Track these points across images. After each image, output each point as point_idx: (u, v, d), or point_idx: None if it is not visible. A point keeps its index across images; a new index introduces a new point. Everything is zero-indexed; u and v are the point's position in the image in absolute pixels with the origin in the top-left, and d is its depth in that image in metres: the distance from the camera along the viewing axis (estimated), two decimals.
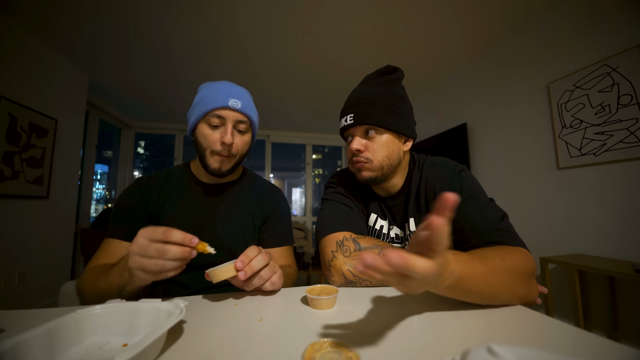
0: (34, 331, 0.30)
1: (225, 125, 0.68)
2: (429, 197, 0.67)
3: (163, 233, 0.44)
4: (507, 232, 0.56)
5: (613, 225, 1.57)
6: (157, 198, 0.73)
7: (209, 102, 0.67)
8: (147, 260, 0.43)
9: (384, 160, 0.64)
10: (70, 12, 1.94)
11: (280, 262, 0.78)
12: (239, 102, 0.69)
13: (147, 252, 0.43)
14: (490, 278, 0.44)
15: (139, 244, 0.44)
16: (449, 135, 2.85)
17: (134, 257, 0.44)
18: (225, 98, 0.67)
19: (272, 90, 3.33)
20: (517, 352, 0.21)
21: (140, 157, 5.27)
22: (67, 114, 2.58)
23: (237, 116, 0.69)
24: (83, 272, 0.63)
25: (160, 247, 0.43)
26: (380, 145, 0.64)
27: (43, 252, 2.34)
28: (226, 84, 0.71)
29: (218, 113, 0.67)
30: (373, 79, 0.69)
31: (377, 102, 0.63)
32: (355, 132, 0.65)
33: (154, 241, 0.44)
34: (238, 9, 1.95)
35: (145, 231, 0.44)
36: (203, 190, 0.77)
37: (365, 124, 0.63)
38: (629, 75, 1.52)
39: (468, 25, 2.14)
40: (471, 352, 0.22)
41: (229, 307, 0.49)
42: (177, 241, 0.44)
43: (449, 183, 0.63)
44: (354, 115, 0.64)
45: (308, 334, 0.38)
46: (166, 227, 0.45)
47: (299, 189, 6.05)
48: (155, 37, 2.24)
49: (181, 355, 0.33)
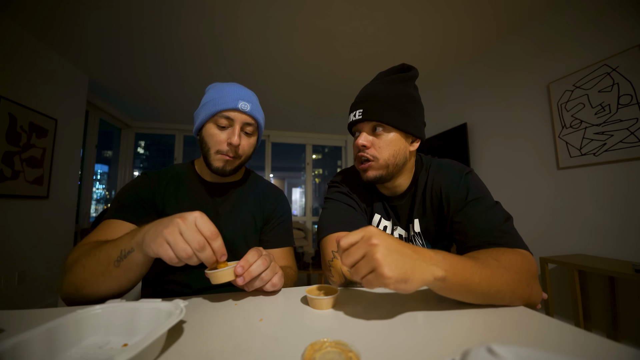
0: (34, 331, 0.30)
1: (233, 126, 0.69)
2: (434, 199, 0.67)
3: (212, 232, 0.44)
4: (509, 234, 0.55)
5: (613, 225, 1.57)
6: (163, 192, 0.73)
7: (218, 103, 0.68)
8: (182, 242, 0.42)
9: (390, 159, 0.64)
10: (70, 12, 1.94)
11: (281, 263, 0.78)
12: (248, 105, 0.70)
13: (189, 235, 0.42)
14: (485, 274, 0.44)
15: (190, 221, 0.43)
16: (449, 135, 2.85)
17: (174, 229, 0.42)
18: (235, 100, 0.68)
19: (272, 90, 3.33)
20: (517, 352, 0.21)
21: (140, 157, 5.27)
22: (67, 114, 2.58)
23: (245, 118, 0.70)
24: (73, 248, 0.58)
25: (202, 241, 0.43)
26: (386, 143, 0.64)
27: (43, 252, 2.34)
28: (236, 86, 0.72)
29: (227, 114, 0.68)
30: (386, 76, 0.68)
31: (387, 101, 0.63)
32: (362, 128, 0.66)
33: (199, 232, 0.44)
34: (239, 9, 1.95)
35: (202, 217, 0.44)
36: (206, 189, 0.78)
37: (374, 120, 0.63)
38: (629, 75, 1.52)
39: (468, 25, 2.14)
40: (471, 352, 0.22)
41: (229, 307, 0.49)
42: (214, 248, 0.45)
43: (456, 185, 0.64)
44: (363, 111, 0.64)
45: (308, 334, 0.38)
46: (216, 229, 0.45)
47: (299, 189, 6.05)
48: (156, 37, 2.24)
49: (181, 355, 0.33)
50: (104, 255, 0.49)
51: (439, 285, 0.42)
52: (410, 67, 0.68)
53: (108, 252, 0.49)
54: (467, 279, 0.42)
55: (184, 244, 0.42)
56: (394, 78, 0.66)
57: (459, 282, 0.42)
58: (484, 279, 0.43)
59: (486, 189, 0.65)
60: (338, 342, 0.31)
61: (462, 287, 0.43)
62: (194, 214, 0.45)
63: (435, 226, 0.69)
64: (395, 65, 0.69)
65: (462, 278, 0.42)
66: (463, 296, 0.44)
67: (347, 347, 0.30)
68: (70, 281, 0.50)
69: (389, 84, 0.65)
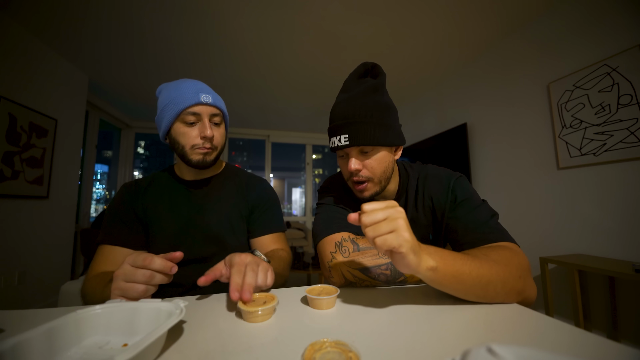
0: (34, 331, 0.30)
1: (202, 120, 0.70)
2: (426, 208, 0.71)
3: (144, 259, 0.46)
4: (496, 230, 0.58)
5: (613, 225, 1.57)
6: (142, 199, 0.75)
7: (179, 101, 0.68)
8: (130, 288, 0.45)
9: (382, 175, 0.66)
10: (70, 12, 1.94)
11: (273, 247, 0.79)
12: (210, 97, 0.71)
13: (132, 278, 0.45)
14: (475, 264, 0.46)
15: (125, 268, 0.46)
16: (449, 135, 2.84)
17: (118, 282, 0.46)
18: (196, 94, 0.68)
19: (272, 90, 3.33)
20: (517, 352, 0.21)
21: (140, 157, 5.28)
22: (67, 114, 2.58)
23: (210, 110, 0.71)
24: (85, 279, 0.65)
25: (146, 273, 0.46)
26: (377, 162, 0.64)
27: (43, 252, 2.34)
28: (190, 82, 0.72)
29: (192, 110, 0.68)
30: (356, 86, 0.65)
31: (369, 120, 0.62)
32: (350, 153, 0.64)
33: (137, 267, 0.46)
34: (238, 9, 1.95)
35: (129, 258, 0.47)
36: (187, 187, 0.79)
37: (361, 144, 0.62)
38: (629, 75, 1.52)
39: (468, 25, 2.14)
40: (471, 352, 0.22)
41: (229, 307, 0.49)
42: (156, 269, 0.46)
43: (446, 192, 0.68)
44: (348, 137, 0.62)
45: (308, 334, 0.38)
46: (147, 254, 0.47)
47: (299, 189, 6.05)
48: (156, 37, 2.24)
49: (181, 355, 0.33)
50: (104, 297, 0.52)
51: (431, 275, 0.43)
52: (376, 71, 0.67)
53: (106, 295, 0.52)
54: (457, 269, 0.45)
55: (132, 288, 0.45)
56: (366, 88, 0.63)
57: (450, 273, 0.44)
58: (474, 269, 0.45)
59: (473, 189, 0.69)
60: (338, 342, 0.31)
61: (453, 278, 0.45)
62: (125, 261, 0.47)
63: (432, 234, 0.72)
64: (358, 68, 0.67)
65: (452, 268, 0.45)
66: (455, 288, 0.46)
67: (347, 347, 0.30)
68: None
69: (363, 97, 0.63)
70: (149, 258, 0.46)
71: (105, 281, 0.58)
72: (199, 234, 0.75)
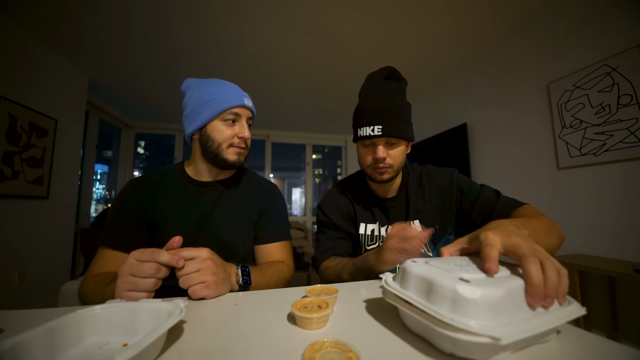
0: (34, 331, 0.30)
1: (240, 121, 0.75)
2: (432, 197, 0.80)
3: (152, 254, 0.46)
4: (510, 199, 0.71)
5: (613, 225, 1.57)
6: (151, 197, 0.74)
7: (225, 100, 0.72)
8: (140, 281, 0.46)
9: (400, 164, 0.75)
10: (70, 12, 1.94)
11: (275, 257, 0.78)
12: (250, 102, 0.77)
13: (141, 272, 0.46)
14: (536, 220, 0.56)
15: (131, 263, 0.46)
16: (449, 135, 2.85)
17: (126, 277, 0.46)
18: (240, 97, 0.74)
19: (272, 90, 3.33)
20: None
21: (140, 157, 5.27)
22: (67, 114, 2.58)
23: (248, 113, 0.77)
24: (83, 280, 0.64)
25: (153, 266, 0.46)
26: (399, 153, 0.74)
27: (43, 252, 2.35)
28: (233, 85, 0.76)
29: (235, 110, 0.73)
30: (384, 85, 0.74)
31: (399, 114, 0.71)
32: (378, 142, 0.72)
33: (143, 262, 0.46)
34: (239, 9, 1.95)
35: (135, 253, 0.47)
36: (200, 188, 0.78)
37: (393, 136, 0.70)
38: (629, 75, 1.52)
39: (468, 25, 2.14)
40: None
41: (229, 307, 0.49)
42: (164, 262, 0.47)
43: (450, 184, 0.78)
44: (382, 128, 0.69)
45: (308, 334, 0.38)
46: (154, 249, 0.47)
47: (299, 189, 6.04)
48: (157, 37, 2.24)
49: (181, 355, 0.33)
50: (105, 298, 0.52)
51: None
52: (398, 75, 0.77)
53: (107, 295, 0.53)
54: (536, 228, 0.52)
55: (142, 281, 0.46)
56: (394, 88, 0.73)
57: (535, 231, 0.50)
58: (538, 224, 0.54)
59: (469, 179, 0.82)
60: (338, 342, 0.31)
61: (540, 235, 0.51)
62: (130, 256, 0.47)
63: (438, 224, 0.79)
64: (382, 70, 0.76)
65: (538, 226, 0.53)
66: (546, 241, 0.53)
67: (347, 347, 0.30)
68: None
69: (392, 94, 0.72)
70: (157, 251, 0.47)
71: (105, 282, 0.57)
72: (209, 239, 0.74)
